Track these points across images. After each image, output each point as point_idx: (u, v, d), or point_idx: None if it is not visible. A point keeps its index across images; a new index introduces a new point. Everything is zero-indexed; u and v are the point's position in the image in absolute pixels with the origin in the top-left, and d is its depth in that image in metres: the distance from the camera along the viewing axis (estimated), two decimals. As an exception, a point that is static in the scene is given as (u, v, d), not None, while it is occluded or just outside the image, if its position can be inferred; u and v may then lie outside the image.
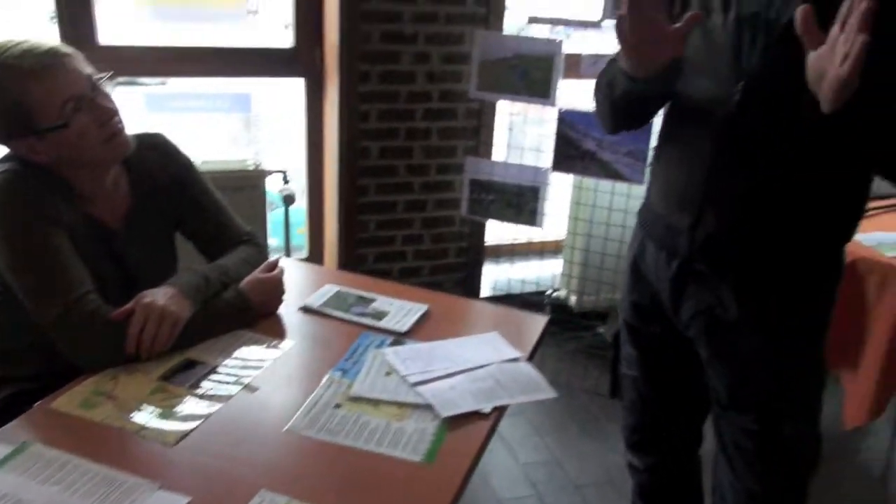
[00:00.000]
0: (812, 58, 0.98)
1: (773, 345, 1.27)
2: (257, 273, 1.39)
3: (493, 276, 2.93)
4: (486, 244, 2.91)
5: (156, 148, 1.41)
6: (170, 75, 2.60)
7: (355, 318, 1.41)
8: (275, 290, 1.40)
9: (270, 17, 2.85)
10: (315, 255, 2.88)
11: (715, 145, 1.19)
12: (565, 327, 2.90)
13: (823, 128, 1.02)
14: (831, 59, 0.93)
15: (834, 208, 1.22)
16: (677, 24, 1.10)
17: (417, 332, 1.38)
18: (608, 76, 1.29)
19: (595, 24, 2.22)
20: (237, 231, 1.49)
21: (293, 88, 2.65)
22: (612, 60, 1.29)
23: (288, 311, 1.43)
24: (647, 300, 1.41)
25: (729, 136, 1.17)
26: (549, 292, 2.94)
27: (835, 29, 0.94)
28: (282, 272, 1.43)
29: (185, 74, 2.53)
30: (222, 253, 1.44)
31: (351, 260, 2.67)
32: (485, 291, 2.94)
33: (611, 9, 2.16)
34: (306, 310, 1.44)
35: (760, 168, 1.17)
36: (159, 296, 1.22)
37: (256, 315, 1.36)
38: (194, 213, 1.45)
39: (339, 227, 2.63)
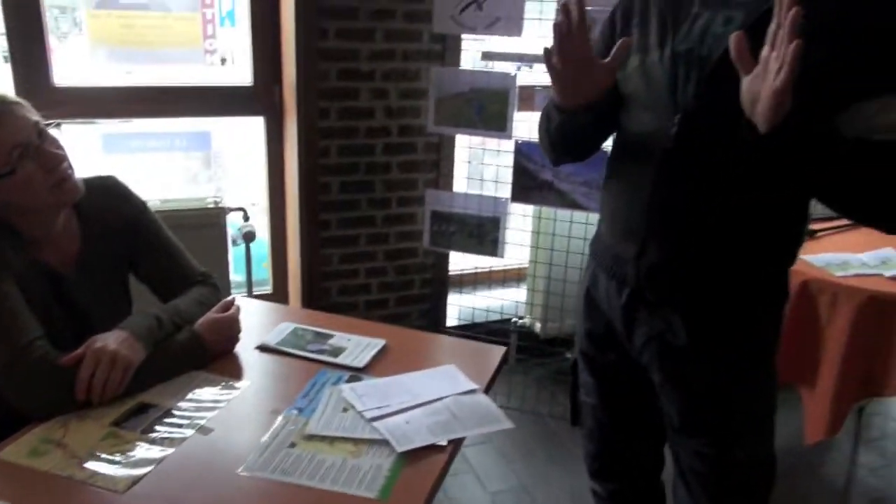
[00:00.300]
0: (746, 82, 1.02)
1: (723, 369, 1.30)
2: (212, 313, 1.39)
3: (459, 306, 2.94)
4: (450, 274, 2.93)
5: (107, 191, 1.41)
6: (128, 116, 2.60)
7: (312, 356, 1.41)
8: (230, 329, 1.40)
9: (229, 57, 2.88)
10: (279, 290, 2.87)
11: (655, 177, 1.22)
12: (531, 354, 2.92)
13: (760, 152, 1.06)
14: (765, 78, 0.98)
15: (774, 233, 1.26)
16: (607, 58, 1.14)
17: (375, 367, 1.39)
18: (547, 108, 1.33)
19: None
20: (192, 272, 1.49)
21: (253, 125, 2.66)
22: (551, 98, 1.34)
23: (244, 350, 1.43)
24: (602, 328, 1.43)
25: (668, 168, 1.21)
26: (514, 320, 2.96)
27: (765, 49, 0.99)
28: (237, 311, 1.43)
29: (144, 115, 2.53)
30: (177, 294, 1.43)
31: (315, 294, 2.67)
32: (451, 321, 2.95)
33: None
34: (263, 348, 1.44)
35: (699, 198, 1.20)
36: (111, 340, 1.21)
37: (211, 355, 1.36)
38: (147, 255, 1.45)
39: (302, 262, 2.63)
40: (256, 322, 1.53)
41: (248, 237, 2.33)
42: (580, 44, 1.13)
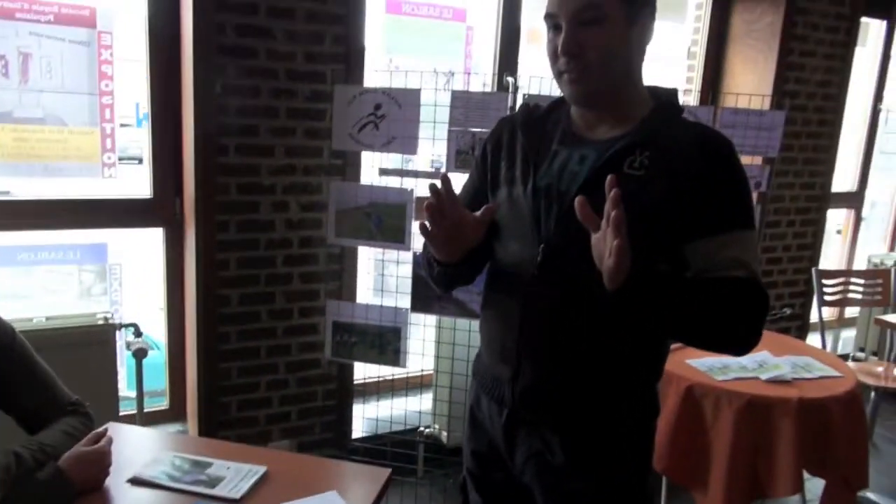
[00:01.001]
0: (594, 239, 1.11)
1: (599, 486, 1.33)
2: (80, 446, 1.33)
3: (365, 415, 2.90)
4: (355, 383, 2.90)
5: (-28, 319, 1.36)
6: (23, 230, 2.52)
7: (188, 487, 1.36)
8: (99, 463, 1.34)
9: (127, 169, 2.87)
10: (176, 406, 2.76)
11: (524, 303, 1.29)
12: (439, 465, 2.88)
13: (613, 300, 1.13)
14: (605, 245, 1.06)
15: (640, 352, 1.32)
16: (477, 214, 1.23)
17: (253, 497, 1.35)
18: (427, 254, 1.40)
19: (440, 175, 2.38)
20: (61, 401, 1.42)
21: (153, 237, 2.63)
22: None
23: (116, 483, 1.36)
24: (486, 447, 1.44)
25: (535, 295, 1.27)
26: (421, 429, 2.93)
27: (603, 222, 1.07)
28: (108, 442, 1.37)
29: (38, 228, 2.46)
30: (44, 426, 1.36)
31: (214, 409, 2.58)
32: (356, 433, 2.90)
33: (453, 163, 2.34)
34: (136, 481, 1.37)
35: (565, 323, 1.27)
36: (-41, 483, 1.14)
37: (78, 492, 1.29)
38: (11, 385, 1.38)
39: (200, 377, 2.55)
40: (132, 451, 1.47)
41: (140, 354, 2.26)
42: (452, 213, 1.22)
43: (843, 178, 4.23)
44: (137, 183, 2.60)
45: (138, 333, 2.32)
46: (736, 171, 1.23)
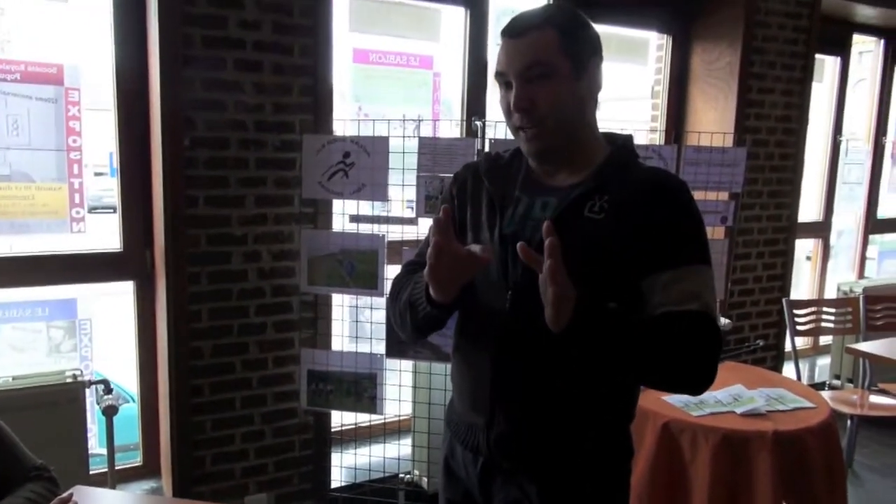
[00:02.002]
0: (540, 280, 1.12)
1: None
2: (44, 513, 1.30)
3: (344, 464, 2.85)
4: (332, 431, 2.86)
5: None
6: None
7: (157, 552, 1.33)
8: (64, 530, 1.30)
9: (102, 219, 2.85)
10: (150, 461, 2.71)
11: (495, 350, 1.29)
12: (420, 512, 2.84)
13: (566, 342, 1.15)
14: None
15: (612, 395, 1.33)
16: (476, 248, 1.22)
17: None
18: (412, 297, 1.35)
19: (411, 221, 2.41)
20: (24, 466, 1.39)
21: (123, 289, 2.61)
22: (399, 279, 1.41)
23: (82, 550, 1.33)
24: (461, 497, 1.43)
25: (505, 342, 1.28)
26: (401, 476, 2.89)
27: (544, 266, 1.09)
28: (74, 509, 1.33)
29: (7, 286, 2.43)
30: (6, 493, 1.33)
31: (188, 464, 2.53)
32: (335, 482, 2.85)
33: (423, 208, 2.36)
34: (103, 547, 1.34)
35: (537, 369, 1.27)
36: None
37: (41, 562, 1.25)
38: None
39: (173, 431, 2.51)
40: (99, 516, 1.43)
41: (110, 412, 2.21)
42: (449, 248, 1.20)
43: (809, 209, 4.33)
44: (111, 233, 2.58)
45: (108, 390, 2.28)
46: (690, 210, 1.26)
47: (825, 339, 4.47)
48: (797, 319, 3.52)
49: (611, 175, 1.27)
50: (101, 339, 2.77)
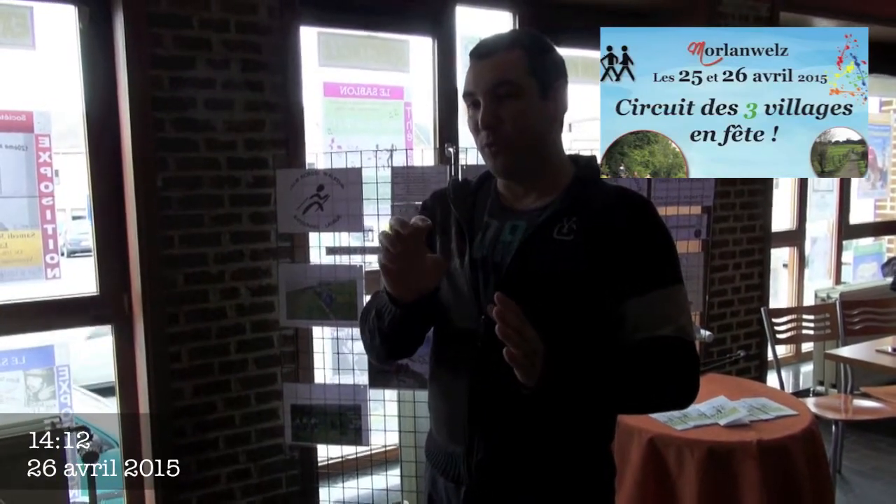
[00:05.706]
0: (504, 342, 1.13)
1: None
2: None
3: (332, 498, 2.82)
4: (319, 465, 2.83)
5: None
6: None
7: None
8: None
9: (80, 262, 2.83)
10: (134, 507, 2.67)
11: (470, 376, 1.29)
12: (412, 543, 2.81)
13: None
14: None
15: (589, 416, 1.33)
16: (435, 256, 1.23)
17: None
18: (377, 306, 1.35)
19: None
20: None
21: (101, 332, 2.59)
22: (375, 296, 1.41)
23: None
24: (446, 532, 1.42)
25: (480, 367, 1.27)
26: (392, 507, 2.87)
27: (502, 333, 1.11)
28: (54, 560, 1.31)
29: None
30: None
31: (172, 508, 2.50)
32: (325, 517, 2.82)
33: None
34: None
35: (513, 394, 1.27)
36: None
37: None
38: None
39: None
40: (80, 566, 1.41)
41: (90, 458, 2.17)
42: (409, 241, 1.17)
43: (782, 218, 4.40)
44: (90, 276, 2.56)
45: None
46: (658, 228, 1.28)
47: (807, 346, 4.51)
48: (777, 328, 3.55)
49: (577, 195, 1.29)
50: (82, 382, 2.74)
